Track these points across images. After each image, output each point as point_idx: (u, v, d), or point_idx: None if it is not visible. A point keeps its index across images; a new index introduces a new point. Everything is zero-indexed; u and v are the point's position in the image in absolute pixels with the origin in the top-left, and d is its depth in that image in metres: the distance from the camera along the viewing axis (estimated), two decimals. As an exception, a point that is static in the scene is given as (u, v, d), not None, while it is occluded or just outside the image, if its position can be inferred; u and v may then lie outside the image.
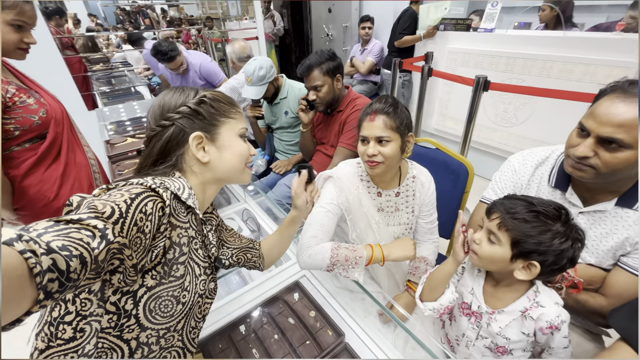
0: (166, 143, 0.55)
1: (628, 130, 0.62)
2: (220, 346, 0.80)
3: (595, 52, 1.81)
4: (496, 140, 2.41)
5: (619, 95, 0.65)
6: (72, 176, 1.17)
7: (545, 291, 0.69)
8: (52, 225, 0.35)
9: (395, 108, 0.83)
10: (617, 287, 0.76)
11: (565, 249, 0.60)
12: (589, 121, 0.68)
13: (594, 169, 0.69)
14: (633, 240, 0.74)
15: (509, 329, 0.69)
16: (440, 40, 2.56)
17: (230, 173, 0.61)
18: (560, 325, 0.65)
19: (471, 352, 0.76)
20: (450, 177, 1.21)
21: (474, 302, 0.74)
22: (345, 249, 0.82)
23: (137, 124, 2.25)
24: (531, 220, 0.62)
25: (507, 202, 0.67)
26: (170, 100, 0.57)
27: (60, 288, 0.32)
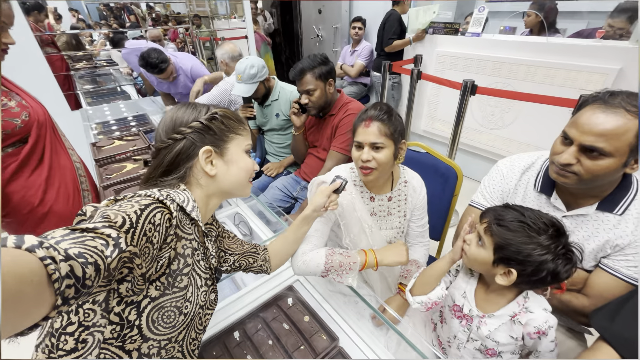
0: (176, 155, 0.58)
1: (608, 139, 0.66)
2: (215, 353, 0.80)
3: (577, 59, 1.87)
4: (483, 142, 2.47)
5: (599, 106, 0.68)
6: (57, 180, 1.14)
7: (534, 297, 0.71)
8: (69, 234, 0.36)
9: (389, 115, 0.84)
10: (598, 287, 0.79)
11: (544, 262, 0.61)
12: (572, 130, 0.71)
13: (576, 175, 0.72)
14: (613, 243, 0.77)
15: (498, 333, 0.71)
16: (429, 44, 2.60)
17: (235, 187, 0.64)
18: (547, 331, 0.67)
19: (462, 354, 0.79)
20: (439, 181, 1.23)
21: (466, 305, 0.76)
22: (339, 255, 0.83)
23: (123, 125, 2.20)
24: (515, 230, 0.64)
25: (500, 209, 0.70)
26: (182, 115, 0.59)
27: (76, 294, 0.33)
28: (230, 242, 0.77)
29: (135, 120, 2.30)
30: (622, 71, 1.73)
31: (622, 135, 0.65)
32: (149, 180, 0.59)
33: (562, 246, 0.63)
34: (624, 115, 0.65)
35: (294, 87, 1.68)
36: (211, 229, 0.70)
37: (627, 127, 0.64)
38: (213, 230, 0.71)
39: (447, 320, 0.82)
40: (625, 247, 0.76)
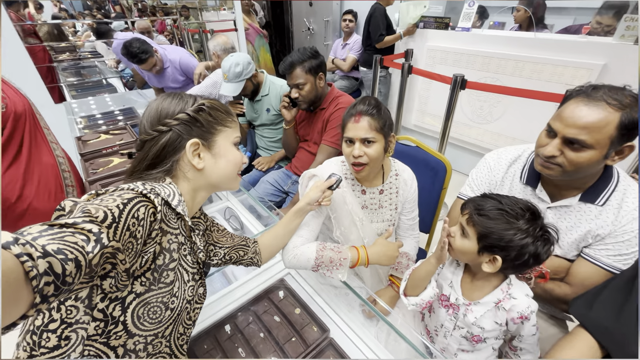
0: (162, 148, 0.56)
1: (590, 132, 0.67)
2: (206, 347, 0.80)
3: (563, 54, 1.91)
4: (472, 136, 2.50)
5: (583, 99, 0.70)
6: (37, 175, 1.10)
7: (517, 284, 0.74)
8: (47, 229, 0.35)
9: (378, 110, 0.85)
10: (579, 276, 0.82)
11: (525, 245, 0.64)
12: (556, 123, 0.73)
13: (560, 167, 0.73)
14: (594, 233, 0.80)
15: (483, 319, 0.73)
16: (420, 38, 2.61)
17: (223, 180, 0.62)
18: (529, 316, 0.70)
19: (449, 342, 0.81)
20: (429, 174, 1.25)
21: (452, 295, 0.78)
22: (330, 250, 0.83)
23: (110, 119, 2.14)
24: (495, 218, 0.66)
25: (479, 199, 0.72)
26: (168, 106, 0.57)
27: (56, 292, 0.33)
28: (220, 235, 0.76)
29: (122, 114, 2.25)
30: (606, 67, 1.77)
31: (603, 127, 0.67)
32: (134, 173, 0.58)
33: (540, 228, 0.66)
34: (605, 109, 0.66)
35: (284, 81, 1.67)
36: (199, 222, 0.70)
37: (607, 120, 0.66)
38: (201, 223, 0.70)
39: (435, 309, 0.83)
40: (605, 236, 0.79)
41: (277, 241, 0.84)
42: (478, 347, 0.78)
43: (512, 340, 0.77)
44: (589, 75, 1.82)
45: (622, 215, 0.77)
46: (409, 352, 0.79)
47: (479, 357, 0.79)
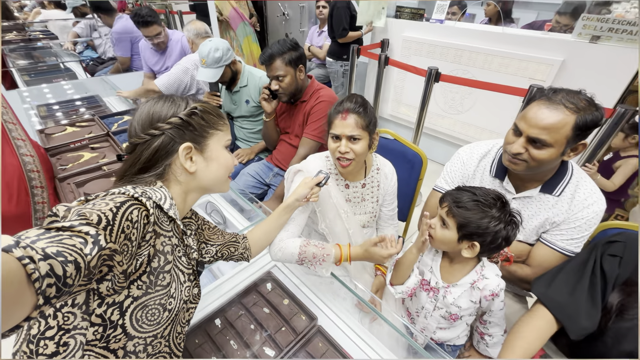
0: (155, 152, 0.56)
1: (549, 132, 0.75)
2: (197, 341, 0.82)
3: (527, 49, 2.03)
4: (445, 126, 2.62)
5: (544, 102, 0.77)
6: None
7: (488, 265, 0.82)
8: (44, 233, 0.35)
9: (364, 108, 0.88)
10: (538, 258, 0.92)
11: (499, 231, 0.72)
12: (522, 123, 0.80)
13: (525, 162, 0.81)
14: (551, 220, 0.90)
15: (460, 299, 0.82)
16: (396, 28, 2.64)
17: (214, 183, 0.63)
18: (499, 293, 0.79)
19: (429, 322, 0.89)
20: (406, 166, 1.31)
21: (433, 279, 0.85)
22: (313, 247, 0.86)
23: (72, 109, 2.00)
24: (472, 208, 0.74)
25: (455, 192, 0.79)
26: (160, 110, 0.57)
27: (58, 293, 0.33)
28: (211, 233, 0.77)
29: (86, 103, 2.10)
30: (564, 63, 1.91)
31: (560, 128, 0.75)
32: (125, 177, 0.57)
33: (508, 214, 0.74)
34: (563, 111, 0.74)
35: (263, 73, 1.64)
36: (190, 222, 0.70)
37: (565, 121, 0.74)
38: (192, 223, 0.71)
39: (417, 293, 0.91)
40: (560, 223, 0.89)
41: (266, 236, 0.86)
42: (455, 324, 0.86)
43: (483, 316, 0.86)
44: (549, 71, 1.96)
45: (574, 204, 0.87)
46: (391, 334, 0.86)
47: (455, 332, 0.88)
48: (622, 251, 0.72)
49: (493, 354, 0.87)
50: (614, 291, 0.70)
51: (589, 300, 0.72)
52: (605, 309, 0.71)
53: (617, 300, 0.69)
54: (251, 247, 0.84)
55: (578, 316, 0.72)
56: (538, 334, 0.74)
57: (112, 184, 0.59)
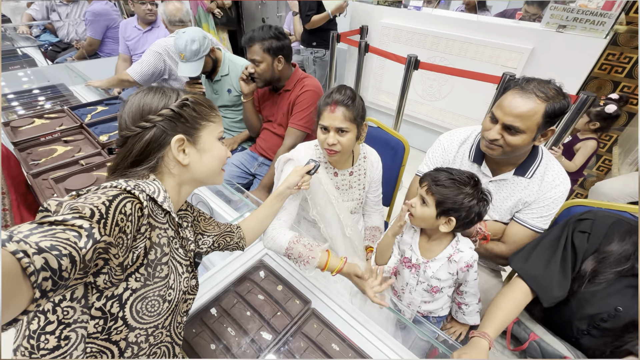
0: (147, 145, 0.55)
1: (522, 120, 0.81)
2: (194, 330, 0.83)
3: (499, 37, 2.11)
4: (423, 113, 2.69)
5: (518, 92, 0.83)
6: None
7: (463, 240, 0.90)
8: (36, 227, 0.35)
9: (353, 100, 0.90)
10: (511, 235, 1.01)
11: (472, 206, 0.79)
12: (498, 111, 0.86)
13: (501, 147, 0.88)
14: (523, 200, 0.97)
15: (439, 272, 0.89)
16: (374, 15, 2.64)
17: (208, 175, 0.63)
18: (473, 264, 0.87)
19: (414, 297, 0.95)
20: (390, 153, 1.36)
21: (413, 256, 0.91)
22: (302, 246, 0.85)
23: (34, 99, 1.86)
24: (449, 186, 0.80)
25: (434, 172, 0.85)
26: (151, 102, 0.56)
27: (54, 287, 0.33)
28: (206, 224, 0.78)
29: (50, 92, 1.96)
30: (534, 51, 2.01)
31: (532, 116, 0.81)
32: (117, 170, 0.57)
33: (480, 191, 0.81)
34: (534, 100, 0.80)
35: (245, 61, 1.61)
36: (186, 214, 0.70)
37: (536, 109, 0.80)
38: (188, 215, 0.71)
39: (400, 271, 0.96)
40: (532, 203, 0.97)
41: (260, 224, 0.88)
42: (437, 297, 0.93)
43: (459, 287, 0.94)
44: (520, 58, 2.05)
45: (544, 185, 0.95)
46: (380, 312, 0.91)
47: (438, 304, 0.96)
48: (590, 227, 0.80)
49: (470, 321, 0.96)
50: (587, 260, 0.79)
51: (561, 272, 0.81)
52: (579, 275, 0.80)
53: (591, 268, 0.78)
54: (245, 235, 0.85)
55: (551, 287, 0.80)
56: (515, 304, 0.83)
57: (94, 179, 0.58)
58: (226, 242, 0.80)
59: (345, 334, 0.84)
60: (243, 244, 0.85)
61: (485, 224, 1.02)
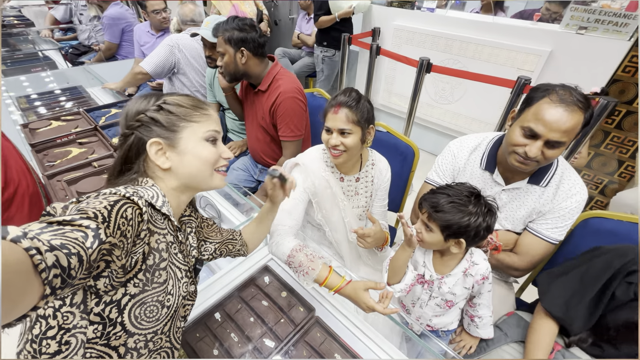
0: (127, 152, 0.56)
1: (569, 134, 0.77)
2: (198, 335, 0.83)
3: (516, 39, 2.05)
4: (435, 116, 2.64)
5: (560, 104, 0.77)
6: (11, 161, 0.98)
7: (476, 251, 0.87)
8: (46, 226, 0.36)
9: (357, 102, 0.88)
10: (524, 246, 0.97)
11: (479, 224, 0.75)
12: (539, 127, 0.79)
13: (537, 162, 0.83)
14: (537, 210, 0.94)
15: (455, 287, 0.86)
16: (387, 16, 2.61)
17: (196, 178, 0.60)
18: (488, 275, 0.84)
19: (424, 311, 0.93)
20: (399, 159, 1.33)
21: (427, 273, 0.88)
22: (304, 256, 0.83)
23: (54, 100, 1.92)
24: (449, 211, 0.75)
25: (431, 197, 0.80)
26: (132, 108, 0.57)
27: (62, 284, 0.34)
28: (209, 231, 0.78)
29: (69, 94, 2.02)
30: (552, 53, 1.94)
31: (576, 128, 0.78)
32: (110, 180, 0.58)
33: (484, 205, 0.77)
34: (577, 112, 0.76)
35: None
36: (190, 220, 0.70)
37: (579, 121, 0.77)
38: (192, 221, 0.70)
39: (412, 287, 0.94)
40: (546, 213, 0.93)
41: (259, 234, 0.86)
42: (450, 310, 0.91)
43: (472, 299, 0.91)
44: (537, 61, 1.99)
45: (559, 194, 0.91)
46: (385, 323, 0.89)
47: (449, 318, 0.93)
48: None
49: (483, 334, 0.93)
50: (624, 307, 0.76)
51: (590, 313, 0.79)
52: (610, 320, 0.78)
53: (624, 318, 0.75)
54: (247, 243, 0.85)
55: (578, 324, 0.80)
56: (550, 338, 0.84)
57: (105, 182, 0.59)
58: (228, 250, 0.80)
59: (348, 344, 0.83)
60: (244, 251, 0.84)
61: (496, 234, 0.98)
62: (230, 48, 1.26)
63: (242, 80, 1.41)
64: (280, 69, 1.38)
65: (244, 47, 1.27)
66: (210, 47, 1.58)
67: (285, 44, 3.68)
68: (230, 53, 1.27)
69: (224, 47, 1.26)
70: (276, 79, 1.35)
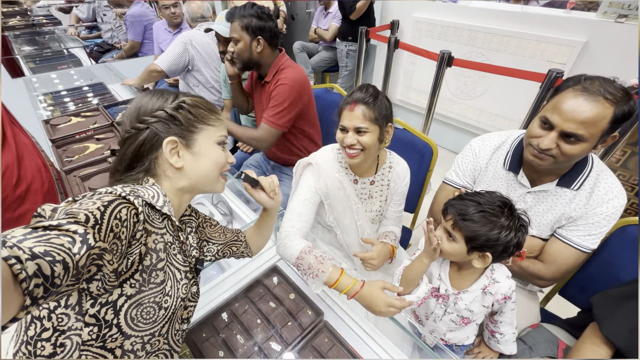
0: (140, 146, 0.55)
1: (587, 127, 0.69)
2: (205, 335, 0.82)
3: (547, 30, 1.91)
4: (455, 112, 2.53)
5: (581, 93, 0.70)
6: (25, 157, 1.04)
7: (498, 268, 0.79)
8: (31, 232, 0.35)
9: (375, 99, 0.83)
10: (552, 254, 0.89)
11: (510, 240, 0.68)
12: (555, 116, 0.72)
13: (553, 157, 0.76)
14: (568, 215, 0.86)
15: (473, 304, 0.79)
16: (406, 8, 2.52)
17: (204, 181, 0.60)
18: (511, 295, 0.77)
19: (438, 325, 0.87)
20: (416, 157, 1.27)
21: (442, 286, 0.82)
22: (313, 258, 0.78)
23: (78, 96, 1.99)
24: (479, 220, 0.68)
25: (459, 203, 0.73)
26: (147, 103, 0.56)
27: (45, 294, 0.32)
28: (212, 231, 0.76)
29: (92, 91, 2.09)
30: (587, 44, 1.79)
31: (599, 122, 0.69)
32: (116, 173, 0.57)
33: (517, 219, 0.70)
34: (602, 103, 0.68)
35: None
36: (190, 220, 0.69)
37: (604, 114, 0.68)
38: (193, 221, 0.69)
39: (425, 300, 0.89)
40: (577, 218, 0.85)
41: (258, 238, 0.83)
42: (466, 326, 0.85)
43: (493, 315, 0.84)
44: (570, 53, 1.84)
45: (593, 199, 0.83)
46: (397, 331, 0.85)
47: (465, 333, 0.87)
48: None
49: (505, 350, 0.86)
50: None
51: None
52: None
53: None
54: (250, 245, 0.83)
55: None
56: None
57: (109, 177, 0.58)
58: (232, 252, 0.79)
59: (357, 352, 0.79)
60: (248, 253, 0.82)
61: (520, 240, 0.91)
62: (246, 35, 1.24)
63: (253, 69, 1.38)
64: (286, 60, 1.35)
65: (261, 35, 1.24)
66: (225, 42, 1.56)
67: (302, 38, 3.63)
68: (246, 40, 1.24)
69: (240, 34, 1.24)
70: (281, 69, 1.32)
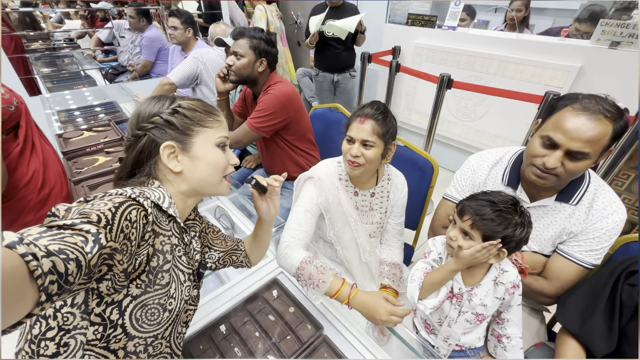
0: (139, 153, 0.56)
1: (592, 144, 0.71)
2: (201, 347, 0.81)
3: (543, 56, 1.98)
4: (457, 133, 2.58)
5: (582, 112, 0.72)
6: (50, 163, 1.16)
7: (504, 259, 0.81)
8: (46, 231, 0.36)
9: (384, 116, 0.87)
10: (555, 270, 0.88)
11: (523, 236, 0.73)
12: (559, 135, 0.74)
13: (557, 176, 0.77)
14: (568, 230, 0.86)
15: (487, 298, 0.80)
16: (407, 35, 2.63)
17: (205, 183, 0.60)
18: (519, 283, 0.79)
19: (453, 329, 0.85)
20: (417, 174, 1.29)
21: (455, 285, 0.82)
22: (314, 268, 0.79)
23: (91, 114, 2.07)
24: (496, 219, 0.72)
25: (475, 204, 0.76)
26: (145, 110, 0.57)
27: (59, 290, 0.33)
28: (214, 237, 0.77)
29: (103, 109, 2.17)
30: (582, 69, 1.86)
31: (602, 139, 0.71)
32: (119, 180, 0.59)
33: (527, 216, 0.74)
34: (603, 121, 0.70)
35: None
36: (194, 224, 0.70)
37: (606, 131, 0.71)
38: (197, 225, 0.70)
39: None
40: (578, 233, 0.85)
41: (255, 249, 0.83)
42: (478, 325, 0.85)
43: (500, 314, 0.84)
44: (566, 77, 1.90)
45: (592, 213, 0.83)
46: (399, 347, 0.83)
47: (476, 334, 0.87)
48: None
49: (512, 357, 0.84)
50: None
51: (609, 327, 0.72)
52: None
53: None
54: (249, 255, 0.83)
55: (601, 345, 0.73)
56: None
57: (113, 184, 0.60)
58: (232, 261, 0.79)
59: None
60: (247, 263, 0.82)
61: (522, 256, 0.91)
62: (252, 54, 1.30)
63: (247, 85, 1.43)
64: (278, 77, 1.42)
65: (265, 57, 1.33)
66: None
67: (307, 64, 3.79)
68: (251, 58, 1.31)
69: (246, 51, 1.30)
70: (272, 84, 1.38)
